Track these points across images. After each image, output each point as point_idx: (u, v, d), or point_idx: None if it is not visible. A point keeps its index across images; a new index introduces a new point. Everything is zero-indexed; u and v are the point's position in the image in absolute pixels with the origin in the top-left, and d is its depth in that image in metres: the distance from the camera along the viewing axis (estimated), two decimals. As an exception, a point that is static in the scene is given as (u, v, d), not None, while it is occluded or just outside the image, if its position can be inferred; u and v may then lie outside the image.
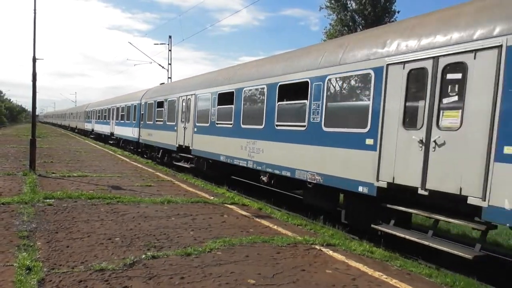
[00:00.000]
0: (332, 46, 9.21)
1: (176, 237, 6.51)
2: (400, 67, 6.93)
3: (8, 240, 5.91)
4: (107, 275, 4.75)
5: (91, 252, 5.56)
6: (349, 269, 5.49)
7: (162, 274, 4.90)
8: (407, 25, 7.39)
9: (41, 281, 4.50)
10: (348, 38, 9.58)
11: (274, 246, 6.32)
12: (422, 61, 6.58)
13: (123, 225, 7.10)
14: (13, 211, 7.68)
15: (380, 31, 8.30)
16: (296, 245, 6.46)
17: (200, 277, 4.88)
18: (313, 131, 8.81)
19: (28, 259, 5.05)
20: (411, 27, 7.19)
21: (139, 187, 11.39)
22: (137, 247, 5.88)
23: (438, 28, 6.52)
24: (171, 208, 8.70)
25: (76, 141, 32.41)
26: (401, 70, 6.91)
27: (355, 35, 9.79)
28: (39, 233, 6.34)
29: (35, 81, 13.60)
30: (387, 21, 32.96)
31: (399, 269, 5.74)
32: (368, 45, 7.83)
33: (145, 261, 5.29)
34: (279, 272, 5.19)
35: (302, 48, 10.74)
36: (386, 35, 7.57)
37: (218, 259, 5.58)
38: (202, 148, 14.70)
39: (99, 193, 9.84)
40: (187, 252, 5.72)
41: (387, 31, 7.95)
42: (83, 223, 7.10)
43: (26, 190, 9.71)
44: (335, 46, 8.91)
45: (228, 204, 9.67)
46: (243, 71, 12.96)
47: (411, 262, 6.28)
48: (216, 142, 13.59)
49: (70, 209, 8.11)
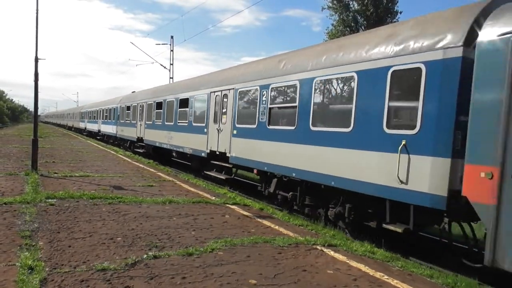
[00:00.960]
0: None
1: (178, 237, 6.53)
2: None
3: (10, 239, 5.93)
4: (109, 275, 4.77)
5: (93, 252, 5.58)
6: (350, 270, 5.49)
7: (164, 274, 4.91)
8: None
9: (43, 280, 4.52)
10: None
11: (276, 247, 6.33)
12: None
13: (124, 225, 7.12)
14: (15, 211, 7.70)
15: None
16: (298, 246, 6.46)
17: (201, 277, 4.89)
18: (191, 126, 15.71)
19: (30, 258, 5.07)
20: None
21: (141, 187, 11.41)
22: (138, 247, 5.89)
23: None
24: (173, 208, 8.71)
25: (78, 141, 32.47)
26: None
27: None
28: (41, 233, 6.36)
29: (37, 81, 13.62)
30: (389, 21, 32.93)
31: (400, 269, 5.74)
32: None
33: (147, 261, 5.30)
34: (281, 273, 5.19)
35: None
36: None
37: (220, 259, 5.59)
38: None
39: (101, 193, 9.86)
40: (189, 252, 5.73)
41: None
42: (85, 223, 7.12)
43: (28, 190, 9.73)
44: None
45: (230, 204, 9.68)
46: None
47: (413, 263, 6.28)
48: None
49: (72, 209, 8.13)
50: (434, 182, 5.87)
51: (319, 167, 8.35)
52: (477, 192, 5.21)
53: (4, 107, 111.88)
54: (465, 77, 5.57)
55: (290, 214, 9.21)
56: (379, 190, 6.84)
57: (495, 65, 5.11)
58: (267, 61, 11.94)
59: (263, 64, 11.80)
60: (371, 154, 7.09)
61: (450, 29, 5.97)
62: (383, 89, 6.86)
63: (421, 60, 6.19)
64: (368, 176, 7.10)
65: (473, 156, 5.32)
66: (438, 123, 5.90)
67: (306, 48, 10.36)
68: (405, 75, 6.58)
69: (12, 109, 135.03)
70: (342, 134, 7.80)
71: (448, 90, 5.78)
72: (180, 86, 18.75)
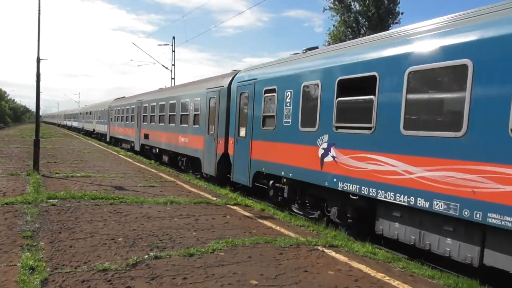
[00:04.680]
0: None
1: (179, 238, 6.52)
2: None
3: (11, 240, 5.94)
4: (110, 275, 4.77)
5: (94, 252, 5.58)
6: (351, 270, 5.48)
7: (165, 274, 4.91)
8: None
9: (44, 281, 4.52)
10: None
11: (277, 247, 6.32)
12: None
13: (126, 225, 7.12)
14: (17, 211, 7.71)
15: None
16: (299, 246, 6.46)
17: (202, 277, 4.89)
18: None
19: (31, 259, 5.07)
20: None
21: (142, 187, 11.42)
22: (140, 248, 5.89)
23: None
24: (174, 209, 8.71)
25: (79, 142, 32.51)
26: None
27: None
28: (42, 233, 6.37)
29: (39, 81, 13.66)
30: (391, 22, 32.88)
31: (402, 270, 5.73)
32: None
33: (148, 262, 5.30)
34: (282, 273, 5.19)
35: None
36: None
37: (221, 259, 5.58)
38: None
39: (102, 193, 9.87)
40: (190, 253, 5.73)
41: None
42: (86, 223, 7.13)
43: (30, 190, 9.75)
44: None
45: (231, 204, 9.68)
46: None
47: (414, 264, 6.26)
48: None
49: (73, 209, 8.14)
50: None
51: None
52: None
53: (6, 107, 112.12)
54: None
55: (291, 214, 9.20)
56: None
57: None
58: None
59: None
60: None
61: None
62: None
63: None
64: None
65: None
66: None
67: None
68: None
69: (14, 109, 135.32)
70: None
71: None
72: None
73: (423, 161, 6.11)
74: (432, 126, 6.10)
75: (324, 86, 8.26)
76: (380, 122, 6.91)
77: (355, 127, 7.47)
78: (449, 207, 5.65)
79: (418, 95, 6.47)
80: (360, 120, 7.32)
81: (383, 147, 6.81)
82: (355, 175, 7.31)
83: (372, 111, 7.04)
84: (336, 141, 7.86)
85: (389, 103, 6.76)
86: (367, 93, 7.19)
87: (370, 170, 7.01)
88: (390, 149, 6.67)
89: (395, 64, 6.71)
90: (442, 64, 5.95)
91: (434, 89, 6.30)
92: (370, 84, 7.07)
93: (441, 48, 6.01)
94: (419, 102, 6.46)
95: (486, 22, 5.58)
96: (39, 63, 13.47)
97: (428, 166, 6.03)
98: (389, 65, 6.85)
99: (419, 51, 6.36)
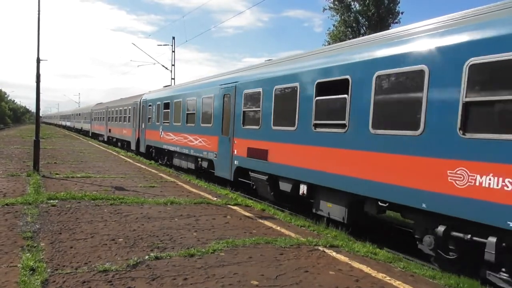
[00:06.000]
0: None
1: (179, 238, 6.52)
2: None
3: (12, 241, 5.93)
4: (111, 276, 4.77)
5: (94, 253, 5.58)
6: (352, 271, 5.48)
7: (165, 275, 4.91)
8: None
9: (45, 282, 4.52)
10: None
11: (277, 247, 6.32)
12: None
13: (126, 226, 7.12)
14: (17, 212, 7.71)
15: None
16: (300, 246, 6.45)
17: (203, 278, 4.88)
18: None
19: (32, 259, 5.07)
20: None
21: (143, 188, 11.41)
22: (140, 248, 5.89)
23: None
24: (175, 209, 8.71)
25: (79, 142, 32.52)
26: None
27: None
28: (42, 234, 6.36)
29: (39, 82, 13.66)
30: (391, 22, 32.85)
31: (402, 270, 5.72)
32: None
33: (148, 262, 5.30)
34: (282, 273, 5.18)
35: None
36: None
37: (221, 260, 5.58)
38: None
39: (103, 194, 9.87)
40: (190, 253, 5.73)
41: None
42: (86, 224, 7.12)
43: (30, 191, 9.74)
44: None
45: (231, 205, 9.67)
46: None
47: (415, 264, 6.26)
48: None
49: (73, 210, 8.13)
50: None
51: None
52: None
53: (6, 108, 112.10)
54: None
55: (291, 215, 9.19)
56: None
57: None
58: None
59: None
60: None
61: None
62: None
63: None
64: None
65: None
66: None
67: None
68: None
69: (14, 110, 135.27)
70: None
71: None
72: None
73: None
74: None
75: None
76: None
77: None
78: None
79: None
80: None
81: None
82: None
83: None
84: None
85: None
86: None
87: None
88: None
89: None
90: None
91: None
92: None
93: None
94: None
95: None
96: (39, 63, 13.47)
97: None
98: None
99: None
